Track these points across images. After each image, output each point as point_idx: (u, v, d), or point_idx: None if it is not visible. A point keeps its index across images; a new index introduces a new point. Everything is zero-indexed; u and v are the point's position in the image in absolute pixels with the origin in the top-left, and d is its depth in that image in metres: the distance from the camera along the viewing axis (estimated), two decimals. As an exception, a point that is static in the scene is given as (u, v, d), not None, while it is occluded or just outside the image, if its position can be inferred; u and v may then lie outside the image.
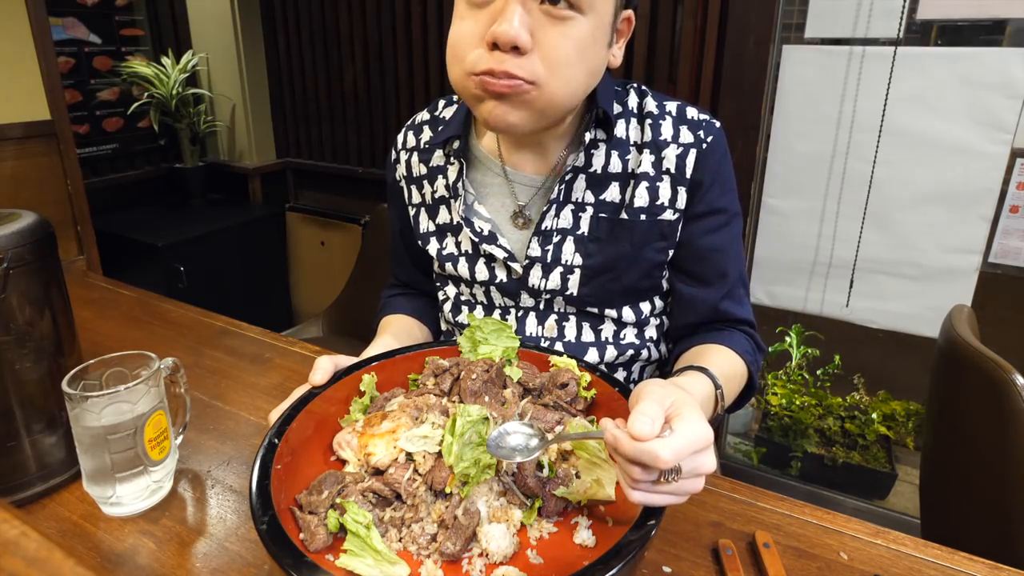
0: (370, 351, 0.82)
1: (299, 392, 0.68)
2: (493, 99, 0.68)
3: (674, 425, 0.49)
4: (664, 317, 0.90)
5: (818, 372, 1.94)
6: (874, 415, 1.87)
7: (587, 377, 0.69)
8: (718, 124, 0.81)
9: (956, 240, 1.64)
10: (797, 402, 1.94)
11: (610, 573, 0.45)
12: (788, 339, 1.94)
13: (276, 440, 0.59)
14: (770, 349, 1.96)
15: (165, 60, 2.60)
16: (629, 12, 0.73)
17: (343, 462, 0.64)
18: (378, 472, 0.60)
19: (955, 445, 1.04)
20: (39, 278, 0.70)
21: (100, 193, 2.61)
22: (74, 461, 0.71)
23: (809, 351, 1.93)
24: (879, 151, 1.66)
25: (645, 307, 0.86)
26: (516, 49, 0.64)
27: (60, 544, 0.27)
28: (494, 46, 0.65)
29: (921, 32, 1.58)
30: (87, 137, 2.60)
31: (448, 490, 0.56)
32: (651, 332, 0.89)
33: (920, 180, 1.64)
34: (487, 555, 0.54)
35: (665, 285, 0.87)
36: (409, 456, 0.59)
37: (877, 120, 1.64)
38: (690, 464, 0.49)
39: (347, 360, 0.73)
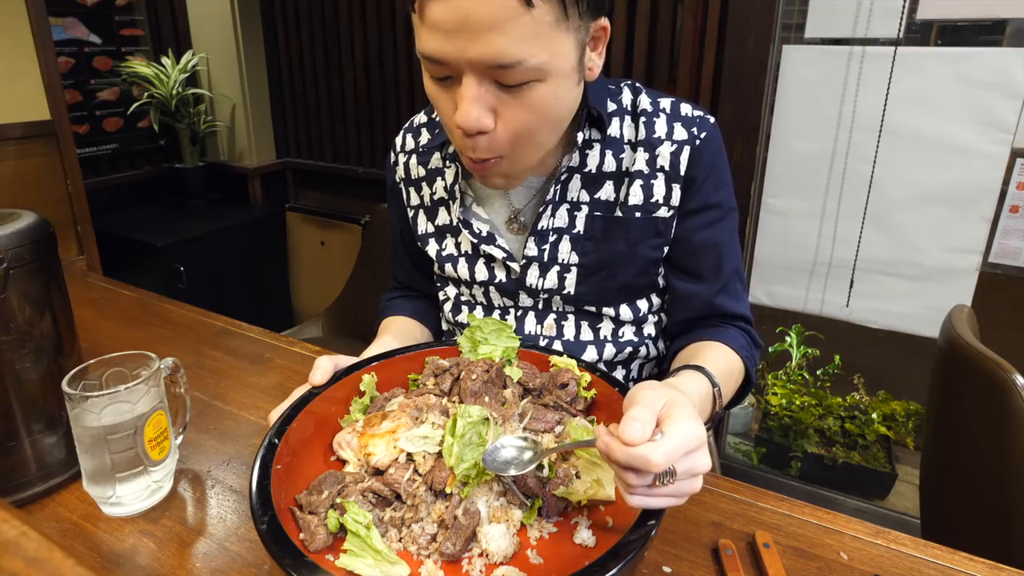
0: (370, 351, 0.82)
1: (299, 392, 0.68)
2: (477, 172, 0.72)
3: (665, 427, 0.49)
4: (662, 314, 0.90)
5: (818, 372, 1.94)
6: (874, 415, 1.87)
7: (587, 377, 0.69)
8: (712, 120, 0.81)
9: (956, 240, 1.64)
10: (797, 402, 1.94)
11: (610, 573, 0.45)
12: (788, 339, 1.94)
13: (276, 440, 0.59)
14: (770, 349, 1.96)
15: (165, 60, 2.60)
16: (604, 21, 0.69)
17: (343, 462, 0.64)
18: (378, 472, 0.60)
19: (955, 445, 1.04)
20: (39, 278, 0.70)
21: (100, 193, 2.61)
22: (74, 461, 0.71)
23: (809, 351, 1.93)
24: (879, 151, 1.66)
25: (642, 305, 0.86)
26: (481, 131, 0.65)
27: (60, 544, 0.27)
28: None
29: (921, 32, 1.58)
30: (87, 137, 2.60)
31: (448, 490, 0.56)
32: (649, 329, 0.89)
33: (920, 180, 1.64)
34: (487, 555, 0.54)
35: (662, 282, 0.87)
36: (409, 456, 0.59)
37: (877, 120, 1.64)
38: (684, 465, 0.49)
39: (347, 360, 0.73)
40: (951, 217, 1.63)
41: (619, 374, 0.90)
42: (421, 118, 0.94)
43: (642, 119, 0.80)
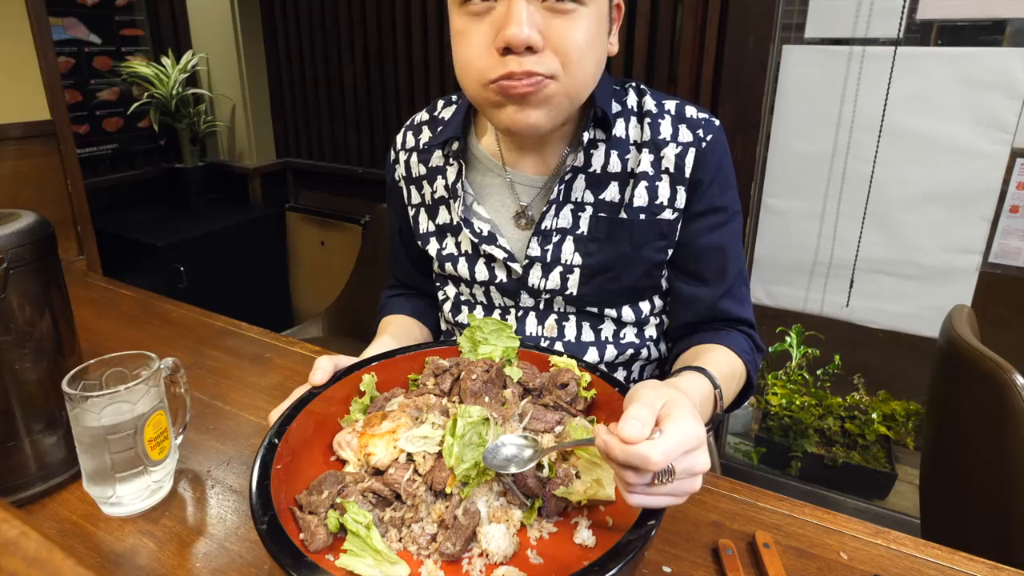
0: (370, 351, 0.82)
1: (299, 392, 0.68)
2: (513, 103, 0.69)
3: (664, 426, 0.49)
4: (664, 316, 0.90)
5: (818, 372, 1.94)
6: (874, 415, 1.87)
7: (587, 377, 0.69)
8: (717, 122, 0.81)
9: (956, 240, 1.64)
10: (797, 402, 1.94)
11: (610, 573, 0.45)
12: (788, 339, 1.94)
13: (276, 440, 0.59)
14: (770, 349, 1.96)
15: (165, 60, 2.60)
16: None
17: (343, 462, 0.64)
18: (378, 472, 0.60)
19: (955, 445, 1.04)
20: (39, 278, 0.70)
21: (100, 193, 2.61)
22: (74, 461, 0.71)
23: (809, 351, 1.93)
24: (879, 151, 1.66)
25: (645, 306, 0.86)
26: (530, 49, 0.65)
27: (60, 544, 0.27)
28: (506, 51, 0.65)
29: (921, 32, 1.58)
30: (87, 137, 2.60)
31: (448, 490, 0.56)
32: (651, 331, 0.89)
33: (920, 180, 1.64)
34: (487, 555, 0.54)
35: (664, 284, 0.87)
36: (409, 456, 0.59)
37: (877, 120, 1.64)
38: (683, 464, 0.49)
39: (347, 360, 0.73)
40: (951, 217, 1.63)
41: (620, 376, 0.89)
42: (422, 116, 0.94)
43: (647, 120, 0.80)
